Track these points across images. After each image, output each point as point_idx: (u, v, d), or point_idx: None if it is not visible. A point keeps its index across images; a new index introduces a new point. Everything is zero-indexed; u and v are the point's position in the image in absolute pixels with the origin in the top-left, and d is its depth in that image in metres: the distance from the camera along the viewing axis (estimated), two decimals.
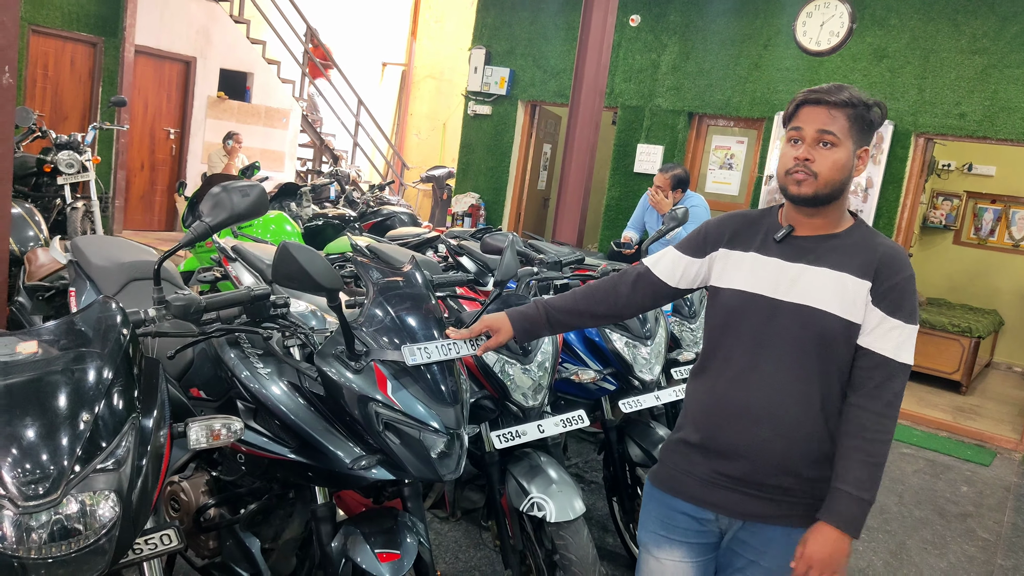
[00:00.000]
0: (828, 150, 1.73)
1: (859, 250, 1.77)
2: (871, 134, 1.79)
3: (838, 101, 1.73)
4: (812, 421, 1.76)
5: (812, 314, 1.75)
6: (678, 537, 1.91)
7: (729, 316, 1.86)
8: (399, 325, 1.99)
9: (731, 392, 1.83)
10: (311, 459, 1.98)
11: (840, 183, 1.75)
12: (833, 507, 1.71)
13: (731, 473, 1.82)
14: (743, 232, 1.90)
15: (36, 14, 8.66)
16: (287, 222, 5.64)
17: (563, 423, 2.67)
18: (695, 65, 7.27)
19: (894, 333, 1.73)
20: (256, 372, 2.05)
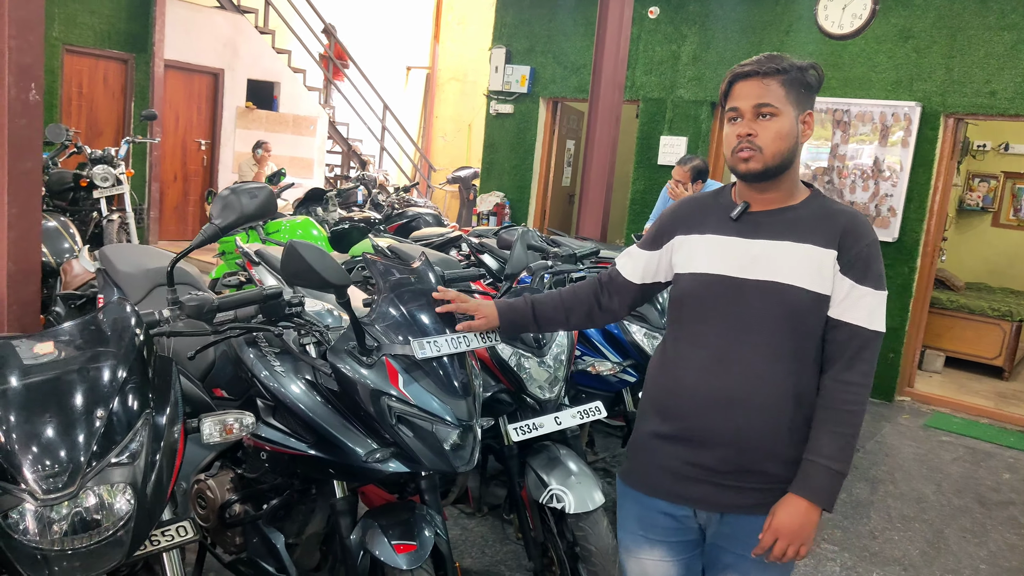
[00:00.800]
0: (769, 121, 1.69)
1: (819, 220, 1.73)
2: (811, 97, 1.75)
3: (769, 70, 1.70)
4: (788, 401, 1.71)
5: (779, 290, 1.70)
6: (657, 536, 1.86)
7: (692, 300, 1.81)
8: (409, 320, 2.02)
9: (701, 378, 1.76)
10: (328, 454, 2.01)
11: (787, 152, 1.71)
12: (804, 478, 1.68)
13: (705, 464, 1.75)
14: (697, 215, 1.85)
15: (69, 34, 8.88)
16: (313, 226, 5.72)
17: (580, 414, 2.68)
18: (716, 55, 7.22)
19: (865, 301, 1.69)
20: (273, 370, 2.09)
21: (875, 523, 4.06)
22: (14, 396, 1.36)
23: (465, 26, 14.34)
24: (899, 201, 6.24)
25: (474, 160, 13.38)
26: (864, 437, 5.42)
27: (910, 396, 6.52)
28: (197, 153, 10.65)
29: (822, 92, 6.66)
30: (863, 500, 4.32)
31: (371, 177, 9.54)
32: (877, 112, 6.32)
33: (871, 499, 4.35)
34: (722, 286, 1.75)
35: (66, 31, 8.83)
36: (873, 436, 5.48)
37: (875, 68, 6.38)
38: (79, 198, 7.71)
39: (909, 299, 6.34)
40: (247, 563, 2.36)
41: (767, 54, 1.74)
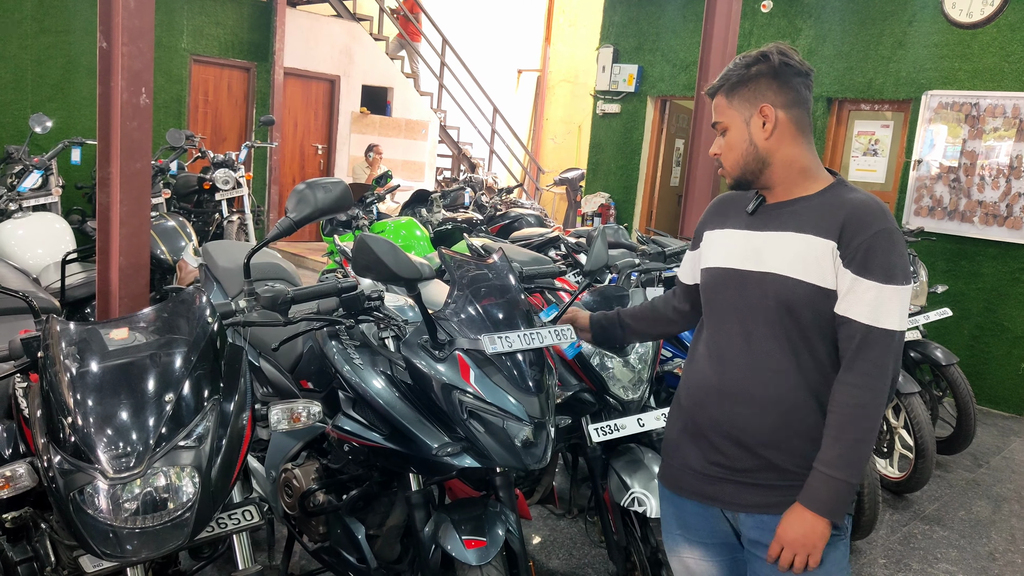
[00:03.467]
0: (723, 137, 1.73)
1: (825, 209, 1.65)
2: (766, 85, 1.66)
3: (714, 87, 1.73)
4: (797, 395, 1.65)
5: (777, 281, 1.65)
6: (694, 537, 1.83)
7: (708, 294, 1.80)
8: (482, 315, 2.01)
9: (708, 371, 1.75)
10: (401, 446, 2.03)
11: (744, 158, 1.69)
12: (807, 487, 1.61)
13: (723, 461, 1.72)
14: (723, 211, 1.84)
15: (196, 45, 9.39)
16: (416, 227, 5.82)
17: (664, 416, 2.60)
18: (833, 48, 6.90)
19: (868, 296, 1.58)
20: (352, 363, 2.12)
21: (996, 544, 3.77)
22: (91, 380, 1.43)
23: (576, 28, 14.31)
24: None
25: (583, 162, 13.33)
26: (989, 452, 5.05)
27: None
28: (314, 157, 11.05)
29: (949, 85, 6.28)
30: (984, 519, 4.02)
31: (477, 179, 9.66)
32: (1010, 105, 5.89)
33: (993, 518, 4.04)
34: (729, 279, 1.74)
35: (193, 42, 9.33)
36: (1000, 451, 5.10)
37: (1008, 58, 5.94)
38: (203, 200, 8.15)
39: None
40: (329, 551, 2.41)
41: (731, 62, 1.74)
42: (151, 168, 2.96)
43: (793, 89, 1.67)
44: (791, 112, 1.68)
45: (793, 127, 1.68)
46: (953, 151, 6.19)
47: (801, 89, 1.69)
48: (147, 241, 3.06)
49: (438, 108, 12.69)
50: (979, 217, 6.02)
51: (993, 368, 6.03)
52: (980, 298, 6.01)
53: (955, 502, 4.19)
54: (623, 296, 2.64)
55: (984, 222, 6.00)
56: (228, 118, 10.08)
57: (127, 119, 2.93)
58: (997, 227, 5.94)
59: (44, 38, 8.08)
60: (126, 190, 2.96)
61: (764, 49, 1.69)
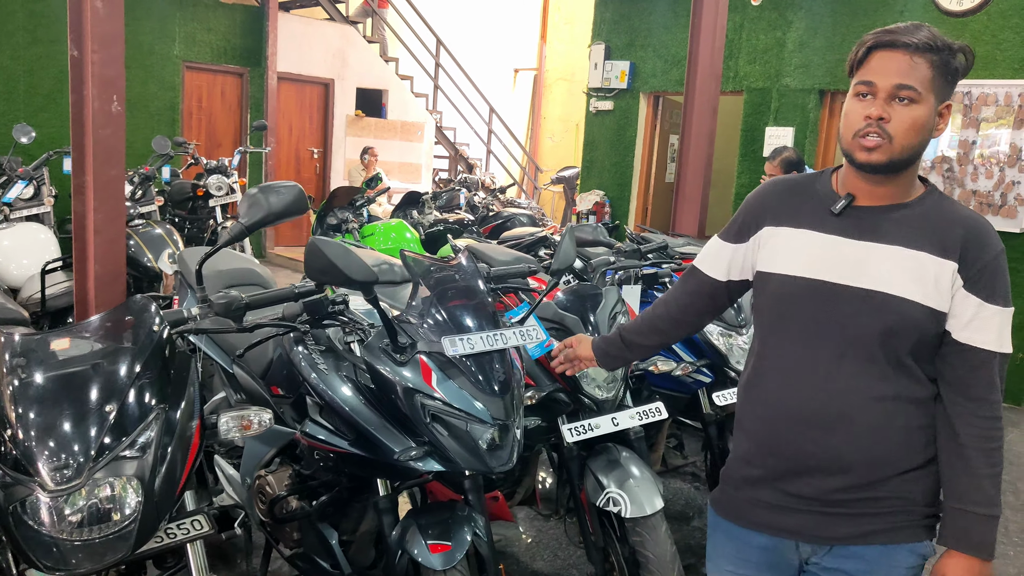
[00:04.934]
0: (906, 107, 1.45)
1: (936, 223, 1.49)
2: (954, 85, 1.50)
3: (919, 44, 1.44)
4: (894, 422, 1.51)
5: (886, 301, 1.47)
6: (749, 572, 1.65)
7: (783, 307, 1.58)
8: (445, 317, 1.99)
9: (793, 396, 1.55)
10: (366, 451, 2.01)
11: (918, 146, 1.48)
12: (962, 532, 1.48)
13: (805, 493, 1.54)
14: (790, 203, 1.61)
15: (189, 52, 9.39)
16: (407, 230, 5.81)
17: (639, 415, 2.58)
18: (824, 40, 6.86)
19: (994, 321, 1.47)
20: (317, 368, 2.11)
21: None
22: (32, 391, 1.42)
23: (572, 25, 14.28)
24: None
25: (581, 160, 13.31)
26: None
27: None
28: (310, 161, 11.05)
29: None
30: None
31: (472, 180, 9.64)
32: (1002, 93, 5.84)
33: None
34: (817, 292, 1.53)
35: (186, 49, 9.34)
36: None
37: (1000, 46, 5.89)
38: (197, 207, 8.15)
39: None
40: (304, 558, 2.39)
41: (915, 23, 1.48)
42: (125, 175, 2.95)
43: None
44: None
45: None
46: (946, 140, 6.15)
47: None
48: (123, 249, 3.05)
49: (434, 109, 12.68)
50: (973, 206, 5.97)
51: None
52: None
53: None
54: (596, 295, 2.62)
55: (979, 211, 5.94)
56: (222, 124, 10.08)
57: (99, 127, 2.92)
58: (991, 216, 5.89)
59: (36, 49, 8.09)
60: (101, 198, 2.95)
61: (962, 46, 1.49)
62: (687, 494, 3.95)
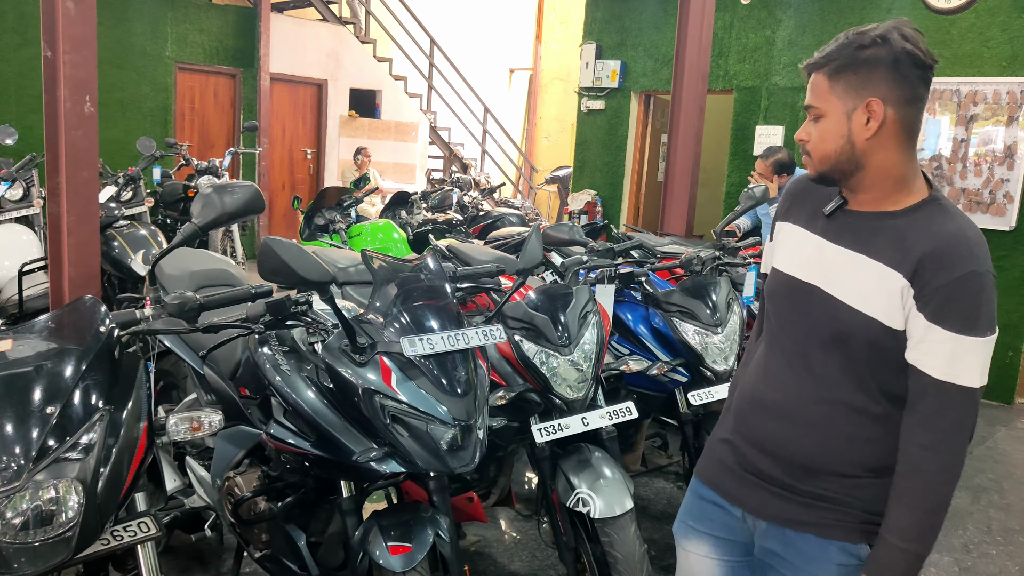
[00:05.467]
0: (816, 124, 1.49)
1: (911, 235, 1.43)
2: (878, 78, 1.41)
3: (816, 63, 1.48)
4: (841, 427, 1.51)
5: (839, 308, 1.48)
6: (705, 529, 1.73)
7: (770, 300, 1.67)
8: (405, 317, 1.98)
9: (758, 382, 1.64)
10: (328, 452, 2.00)
11: (838, 153, 1.47)
12: (878, 558, 1.46)
13: (759, 469, 1.62)
14: (800, 200, 1.65)
15: (181, 53, 9.38)
16: (394, 230, 5.80)
17: (609, 415, 2.57)
18: (813, 38, 6.85)
19: (944, 347, 1.38)
20: (280, 369, 2.10)
21: (972, 535, 3.72)
22: None
23: (568, 25, 14.26)
24: (1016, 186, 5.73)
25: None
26: (973, 442, 4.99)
27: None
28: (304, 162, 11.04)
29: None
30: (961, 510, 3.97)
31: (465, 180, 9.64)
32: (990, 90, 5.83)
33: (971, 509, 3.99)
34: (791, 289, 1.58)
35: (178, 50, 9.33)
36: (984, 441, 5.04)
37: (987, 43, 5.88)
38: (188, 208, 8.14)
39: None
40: (272, 559, 2.38)
41: (836, 37, 1.48)
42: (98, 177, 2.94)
43: (910, 84, 1.43)
44: (902, 111, 1.44)
45: (901, 130, 1.45)
46: (935, 138, 6.14)
47: (919, 85, 1.44)
48: (96, 250, 3.04)
49: (428, 109, 12.67)
50: (963, 205, 5.96)
51: None
52: None
53: None
54: (567, 294, 2.61)
55: (968, 210, 5.94)
56: (215, 125, 10.08)
57: (72, 128, 2.91)
58: (981, 214, 5.88)
59: (26, 50, 8.08)
60: (73, 200, 2.94)
61: (884, 29, 1.42)
62: (669, 493, 3.94)
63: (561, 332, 2.52)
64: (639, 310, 3.14)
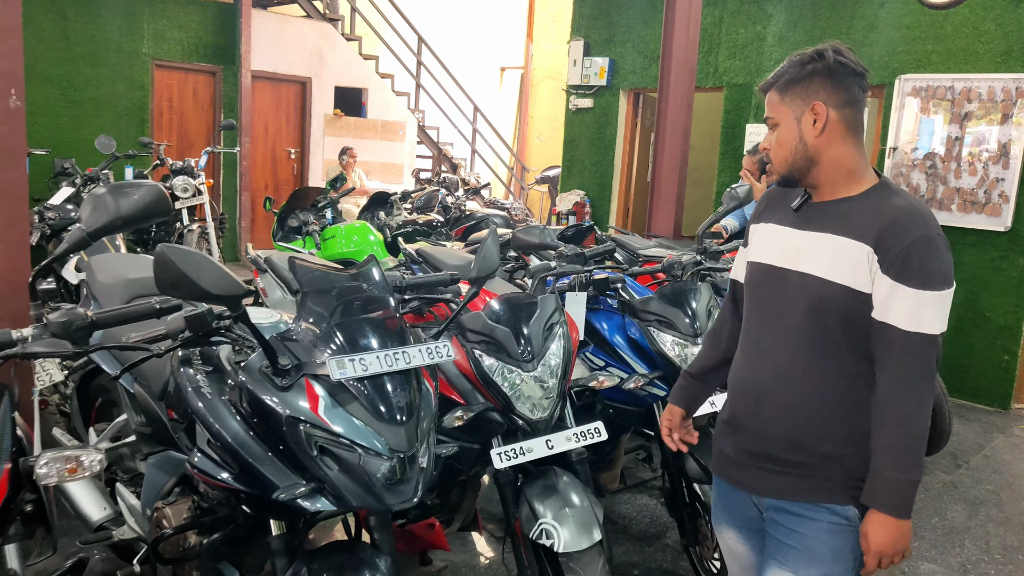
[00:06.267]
0: (773, 133, 1.76)
1: (868, 212, 1.66)
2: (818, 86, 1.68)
3: (768, 83, 1.75)
4: (823, 396, 1.70)
5: (812, 283, 1.68)
6: (731, 519, 1.93)
7: (749, 290, 1.85)
8: (337, 333, 1.76)
9: (742, 367, 1.83)
10: (250, 487, 1.78)
11: (792, 156, 1.72)
12: (875, 493, 1.65)
13: (749, 449, 1.80)
14: (773, 205, 1.87)
15: (158, 49, 9.15)
16: (370, 232, 5.58)
17: (576, 437, 2.36)
18: (804, 33, 6.64)
19: (907, 303, 1.60)
20: (200, 392, 1.88)
21: (970, 553, 3.52)
22: None
23: (559, 23, 14.04)
24: (1012, 186, 5.52)
25: None
26: (969, 451, 4.79)
27: None
28: (287, 162, 10.81)
29: (922, 68, 6.02)
30: (958, 526, 3.76)
31: (452, 180, 9.40)
32: (985, 87, 5.62)
33: (968, 524, 3.79)
34: (769, 276, 1.78)
35: (155, 46, 9.10)
36: (981, 450, 4.84)
37: (982, 38, 5.68)
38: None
39: None
40: None
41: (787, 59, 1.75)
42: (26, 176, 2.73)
43: (846, 89, 1.69)
44: (843, 111, 1.69)
45: (843, 126, 1.70)
46: (928, 136, 5.93)
47: (854, 89, 1.70)
48: (26, 256, 2.82)
49: (416, 108, 12.43)
50: (957, 204, 5.76)
51: (976, 360, 5.76)
52: (961, 289, 5.74)
53: (929, 507, 3.94)
54: (531, 304, 2.39)
55: (963, 210, 5.74)
56: (194, 124, 9.84)
57: None
58: (976, 214, 5.69)
59: None
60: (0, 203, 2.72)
61: (820, 48, 1.70)
62: (653, 511, 3.73)
63: (524, 346, 2.31)
64: (615, 318, 2.92)
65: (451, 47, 13.50)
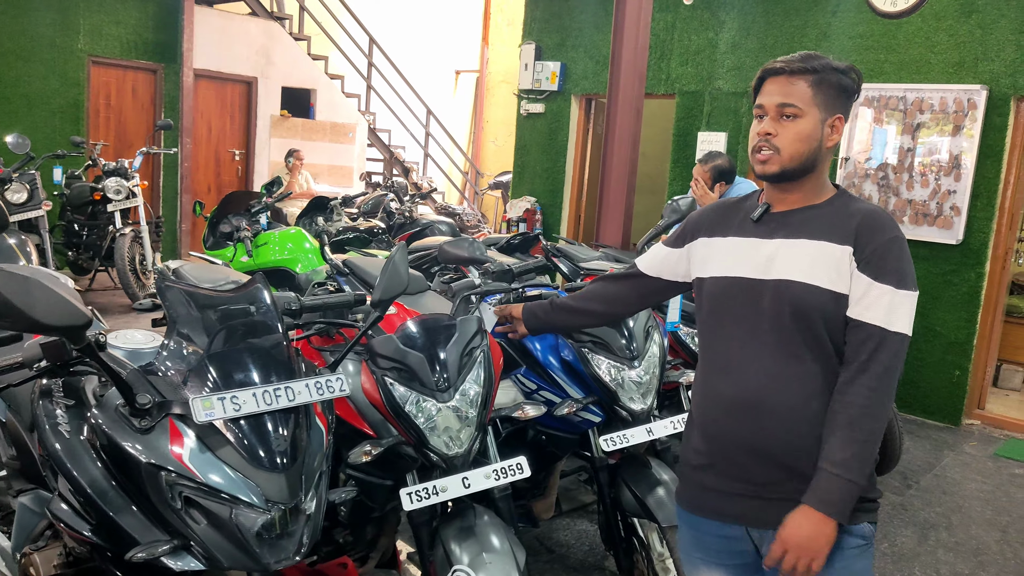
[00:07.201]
0: (790, 122, 1.67)
1: (838, 217, 1.67)
2: (843, 101, 1.70)
3: (797, 68, 1.67)
4: (811, 402, 1.65)
5: (794, 288, 1.65)
6: (714, 559, 1.78)
7: (714, 305, 1.78)
8: (209, 366, 1.54)
9: (724, 384, 1.72)
10: (108, 541, 1.55)
11: (807, 154, 1.67)
12: (814, 487, 1.59)
13: (746, 477, 1.69)
14: (722, 218, 1.82)
15: (95, 46, 8.77)
16: (305, 239, 5.33)
17: (496, 474, 2.15)
18: (757, 41, 6.55)
19: (883, 300, 1.61)
20: (57, 428, 1.64)
21: None
22: None
23: (515, 27, 13.84)
24: (963, 198, 5.46)
25: None
26: (920, 470, 4.69)
27: (980, 419, 5.71)
28: (231, 163, 10.47)
29: (875, 78, 5.95)
30: (907, 552, 3.64)
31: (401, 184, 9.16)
32: (937, 98, 5.56)
33: (918, 550, 3.66)
34: (740, 288, 1.72)
35: (91, 42, 8.72)
36: (931, 469, 4.74)
37: (934, 48, 5.62)
38: (96, 211, 7.56)
39: (977, 309, 5.54)
40: None
41: (805, 52, 1.70)
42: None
43: (849, 110, 1.74)
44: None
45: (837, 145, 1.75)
46: (881, 147, 5.86)
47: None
48: None
49: (366, 110, 12.16)
50: (909, 216, 5.69)
51: (927, 375, 5.69)
52: None
53: (879, 532, 3.81)
54: (449, 326, 2.18)
55: (914, 222, 5.67)
56: (133, 123, 9.46)
57: None
58: (927, 227, 5.62)
59: None
60: None
61: (850, 64, 1.71)
62: (592, 538, 3.53)
63: (439, 373, 2.10)
64: (548, 339, 2.73)
65: (404, 49, 13.26)
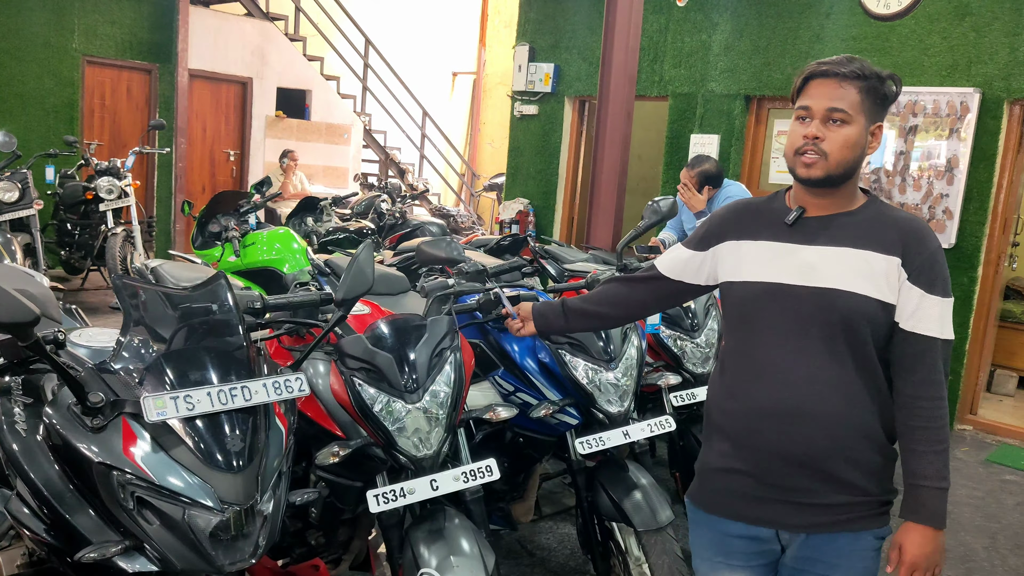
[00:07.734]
0: (839, 127, 1.65)
1: (878, 225, 1.67)
2: (884, 109, 1.70)
3: (848, 73, 1.65)
4: (858, 411, 1.66)
5: (839, 297, 1.64)
6: (737, 562, 1.78)
7: (749, 310, 1.75)
8: (164, 365, 1.52)
9: (758, 390, 1.71)
10: (62, 542, 1.53)
11: (852, 162, 1.67)
12: (918, 505, 1.63)
13: (778, 483, 1.69)
14: (750, 220, 1.79)
15: (90, 45, 8.76)
16: (293, 239, 5.30)
17: (465, 477, 2.13)
18: (750, 43, 6.53)
19: (935, 310, 1.64)
20: (14, 427, 1.62)
21: None
22: None
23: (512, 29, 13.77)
24: (956, 202, 5.44)
25: None
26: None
27: (972, 424, 5.69)
28: (226, 164, 10.46)
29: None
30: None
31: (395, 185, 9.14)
32: (930, 101, 5.55)
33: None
34: (779, 294, 1.70)
35: (86, 42, 8.71)
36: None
37: (927, 51, 5.60)
38: (89, 211, 7.55)
39: (970, 313, 5.53)
40: None
41: (848, 55, 1.69)
42: None
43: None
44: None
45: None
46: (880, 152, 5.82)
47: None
48: None
49: (362, 111, 12.15)
50: None
51: None
52: None
53: None
54: (419, 327, 2.16)
55: None
56: (128, 123, 9.45)
57: None
58: None
59: None
60: None
61: (893, 73, 1.70)
62: (574, 542, 3.50)
63: (408, 374, 2.07)
64: (525, 340, 2.70)
65: (401, 51, 13.25)
